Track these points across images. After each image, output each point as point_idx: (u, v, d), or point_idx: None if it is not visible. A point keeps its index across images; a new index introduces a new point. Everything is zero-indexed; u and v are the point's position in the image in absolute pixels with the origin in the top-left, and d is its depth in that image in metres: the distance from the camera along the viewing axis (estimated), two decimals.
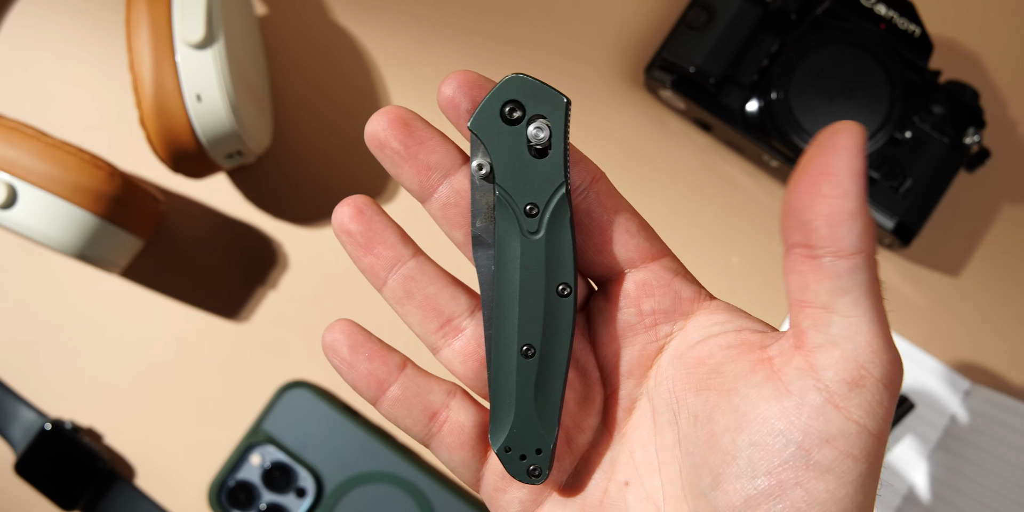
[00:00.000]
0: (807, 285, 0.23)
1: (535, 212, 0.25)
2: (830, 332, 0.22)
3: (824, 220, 0.22)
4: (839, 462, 0.22)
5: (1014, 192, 0.53)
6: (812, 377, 0.22)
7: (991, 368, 0.51)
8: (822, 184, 0.22)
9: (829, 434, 0.22)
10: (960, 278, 0.52)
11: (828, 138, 0.22)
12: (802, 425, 0.22)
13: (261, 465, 0.48)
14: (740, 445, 0.23)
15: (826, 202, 0.22)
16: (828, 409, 0.22)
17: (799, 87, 0.47)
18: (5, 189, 0.42)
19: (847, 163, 0.21)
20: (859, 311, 0.22)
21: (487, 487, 0.28)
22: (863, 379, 0.22)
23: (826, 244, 0.22)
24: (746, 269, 0.52)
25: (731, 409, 0.23)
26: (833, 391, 0.22)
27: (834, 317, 0.22)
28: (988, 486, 0.47)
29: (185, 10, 0.43)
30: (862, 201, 0.21)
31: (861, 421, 0.22)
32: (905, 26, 0.48)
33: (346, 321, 0.27)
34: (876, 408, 0.22)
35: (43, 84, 0.52)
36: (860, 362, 0.22)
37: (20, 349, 0.50)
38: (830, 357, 0.22)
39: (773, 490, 0.22)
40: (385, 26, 0.53)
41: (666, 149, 0.53)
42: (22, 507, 0.48)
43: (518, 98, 0.25)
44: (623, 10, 0.54)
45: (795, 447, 0.22)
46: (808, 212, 0.22)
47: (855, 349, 0.22)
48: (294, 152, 0.52)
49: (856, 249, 0.22)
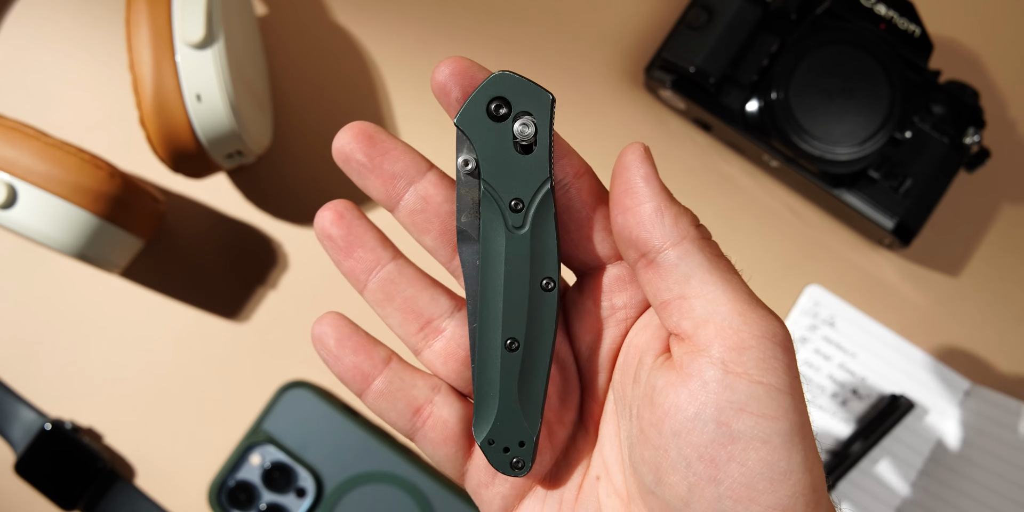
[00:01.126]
0: (658, 287, 0.24)
1: (520, 207, 0.26)
2: (695, 314, 0.23)
3: (640, 227, 0.24)
4: (759, 426, 0.22)
5: (1014, 192, 0.53)
6: (702, 356, 0.23)
7: (991, 368, 0.51)
8: (624, 200, 0.25)
9: (739, 402, 0.22)
10: (960, 278, 0.52)
11: (618, 163, 0.25)
12: (712, 401, 0.22)
13: (261, 465, 0.48)
14: (666, 436, 0.23)
15: (633, 213, 0.24)
16: (729, 378, 0.22)
17: (799, 87, 0.47)
18: (5, 189, 0.42)
19: (635, 174, 0.25)
20: (709, 287, 0.24)
21: (471, 482, 0.28)
22: (745, 341, 0.23)
23: (651, 245, 0.24)
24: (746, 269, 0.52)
25: (649, 402, 0.24)
26: (725, 360, 0.23)
27: (692, 301, 0.24)
28: (988, 486, 0.47)
29: (185, 10, 0.43)
30: (664, 197, 0.24)
31: (764, 379, 0.22)
32: (905, 26, 0.48)
33: (334, 314, 0.28)
34: (772, 363, 0.23)
35: (43, 84, 0.52)
36: (735, 327, 0.23)
37: (20, 349, 0.50)
38: (707, 334, 0.23)
39: (710, 472, 0.22)
40: (385, 26, 0.53)
41: (666, 149, 0.53)
42: (22, 507, 0.48)
43: (504, 95, 0.25)
44: (623, 10, 0.54)
45: (714, 424, 0.22)
46: (627, 227, 0.24)
47: (724, 318, 0.23)
48: (294, 152, 0.52)
49: (677, 238, 0.24)
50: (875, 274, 0.52)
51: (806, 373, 0.51)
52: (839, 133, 0.47)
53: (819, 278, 0.52)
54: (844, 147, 0.47)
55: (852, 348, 0.51)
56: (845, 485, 0.50)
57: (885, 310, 0.51)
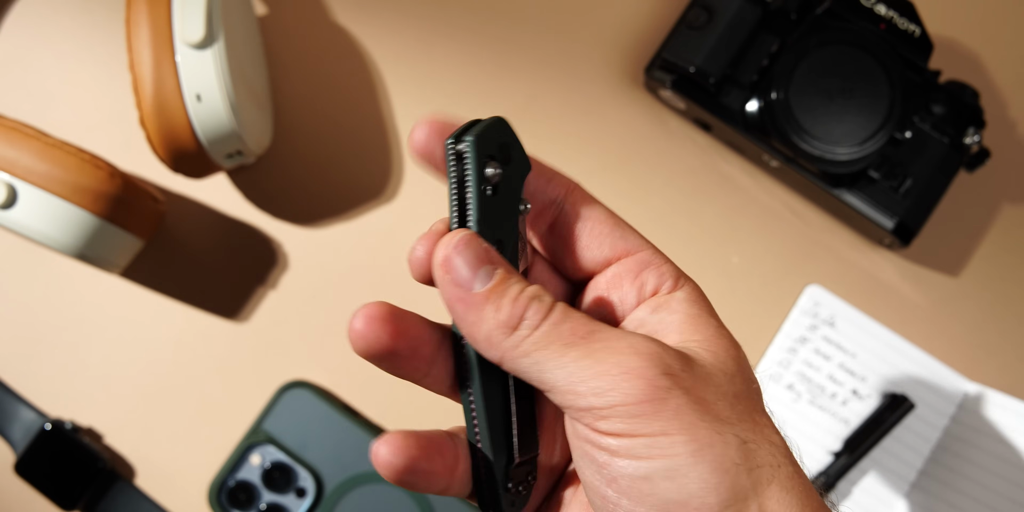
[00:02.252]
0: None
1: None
2: (565, 404, 0.23)
3: (482, 352, 0.24)
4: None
5: (1014, 192, 0.53)
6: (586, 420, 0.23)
7: (991, 368, 0.51)
8: (442, 282, 0.24)
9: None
10: (960, 278, 0.52)
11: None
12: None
13: (261, 465, 0.48)
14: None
15: (445, 288, 0.23)
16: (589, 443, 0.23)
17: (799, 87, 0.47)
18: (5, 189, 0.42)
19: (445, 295, 0.24)
20: (552, 381, 0.23)
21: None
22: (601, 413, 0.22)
23: (496, 360, 0.24)
24: (746, 269, 0.52)
25: None
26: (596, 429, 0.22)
27: (555, 397, 0.23)
28: (988, 486, 0.47)
29: (185, 10, 0.43)
30: (469, 322, 0.23)
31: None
32: (905, 26, 0.48)
33: (398, 435, 0.25)
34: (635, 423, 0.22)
35: (43, 84, 0.52)
36: (581, 431, 0.23)
37: (20, 349, 0.50)
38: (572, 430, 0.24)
39: None
40: (385, 26, 0.53)
41: (666, 149, 0.53)
42: (22, 507, 0.48)
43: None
44: (623, 10, 0.54)
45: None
46: (475, 333, 0.24)
47: (574, 414, 0.23)
48: (294, 152, 0.52)
49: (499, 354, 0.23)
50: (875, 274, 0.52)
51: (806, 373, 0.51)
52: (839, 133, 0.47)
53: (819, 278, 0.52)
54: (844, 147, 0.47)
55: (852, 348, 0.51)
56: (845, 485, 0.50)
57: (885, 310, 0.51)
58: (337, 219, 0.52)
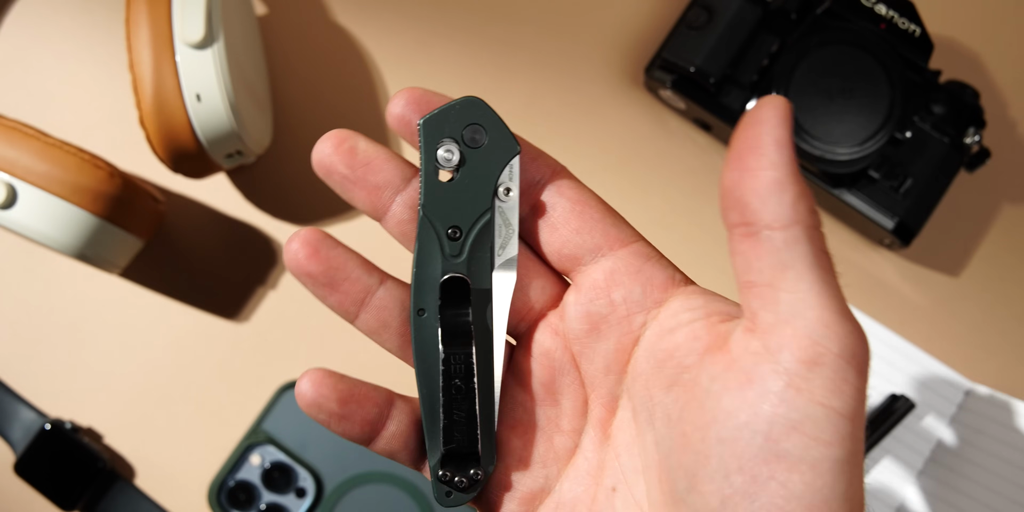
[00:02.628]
0: (750, 264, 0.22)
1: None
2: (779, 310, 0.21)
3: (754, 194, 0.21)
4: (810, 449, 0.20)
5: (1014, 192, 0.53)
6: (769, 361, 0.21)
7: (991, 368, 0.51)
8: (747, 158, 0.21)
9: (794, 420, 0.20)
10: (960, 278, 0.52)
11: (751, 114, 0.21)
12: (766, 414, 0.21)
13: (261, 465, 0.48)
14: (710, 443, 0.22)
15: (754, 175, 0.21)
16: (790, 393, 0.21)
17: (799, 87, 0.47)
18: (5, 189, 0.42)
19: (770, 134, 0.21)
20: (804, 285, 0.21)
21: (486, 504, 0.27)
22: (820, 356, 0.21)
23: (760, 218, 0.21)
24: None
25: (698, 405, 0.22)
26: (792, 373, 0.21)
27: (780, 294, 0.21)
28: (988, 486, 0.47)
29: (185, 10, 0.43)
30: (790, 170, 0.21)
31: (826, 402, 0.20)
32: (905, 26, 0.48)
33: (320, 372, 0.26)
34: (841, 386, 0.21)
35: (43, 84, 0.52)
36: (814, 338, 0.21)
37: (20, 349, 0.50)
38: (782, 337, 0.21)
39: (748, 487, 0.21)
40: (385, 26, 0.53)
41: (666, 149, 0.53)
42: (22, 507, 0.48)
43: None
44: (623, 10, 0.54)
45: (762, 438, 0.21)
46: (739, 188, 0.21)
47: (806, 325, 0.21)
48: (294, 152, 0.52)
49: (790, 220, 0.21)
50: (875, 274, 0.52)
51: None
52: (839, 133, 0.47)
53: None
54: (844, 147, 0.47)
55: None
56: None
57: (885, 310, 0.51)
58: (337, 219, 0.52)
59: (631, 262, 0.26)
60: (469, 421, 0.26)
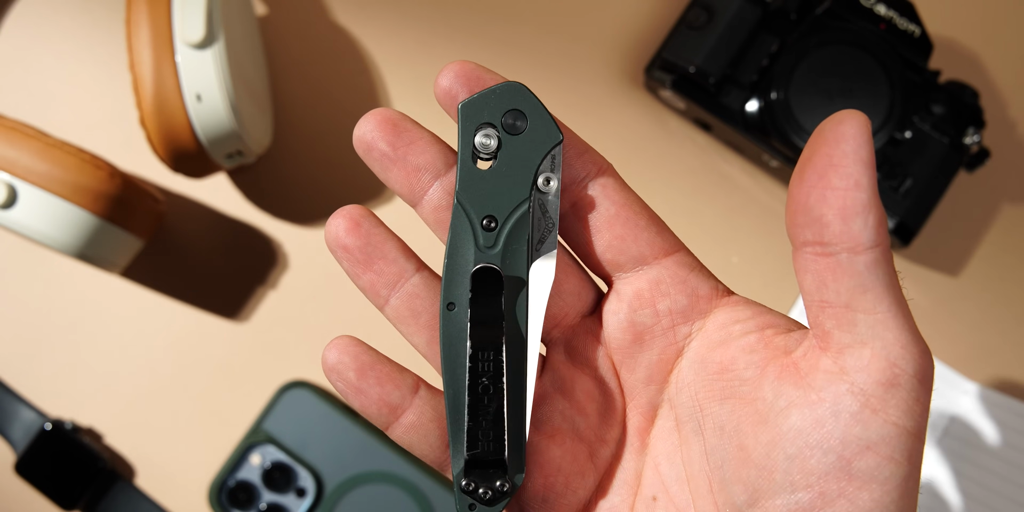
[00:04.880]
0: (825, 284, 0.21)
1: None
2: (856, 331, 0.21)
3: (837, 214, 0.20)
4: (882, 468, 0.21)
5: (1014, 192, 0.53)
6: (844, 381, 0.21)
7: (991, 368, 0.51)
8: (831, 176, 0.20)
9: (870, 440, 0.21)
10: (960, 278, 0.52)
11: (832, 128, 0.21)
12: (840, 433, 0.21)
13: (261, 465, 0.48)
14: (776, 458, 0.22)
15: (838, 195, 0.20)
16: (866, 414, 0.21)
17: (799, 87, 0.47)
18: (5, 189, 0.42)
19: (855, 153, 0.20)
20: (883, 307, 0.21)
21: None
22: (897, 377, 0.21)
23: (841, 240, 0.21)
24: (746, 269, 0.52)
25: (760, 420, 0.22)
26: (869, 394, 0.21)
27: (858, 315, 0.21)
28: (988, 486, 0.47)
29: (185, 10, 0.43)
30: (874, 192, 0.20)
31: (900, 422, 0.21)
32: (905, 26, 0.48)
33: (349, 339, 0.25)
34: (913, 406, 0.21)
35: (43, 84, 0.52)
36: (892, 360, 0.21)
37: (20, 349, 0.50)
38: (860, 358, 0.21)
39: (815, 503, 0.21)
40: (385, 26, 0.53)
41: (666, 149, 0.53)
42: (22, 507, 0.48)
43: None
44: (623, 10, 0.54)
45: (835, 457, 0.21)
46: (819, 207, 0.21)
47: (885, 347, 0.21)
48: (294, 152, 0.52)
49: (873, 243, 0.21)
50: None
51: None
52: None
53: None
54: None
55: None
56: None
57: None
58: None
59: (676, 272, 0.25)
60: (496, 425, 0.24)
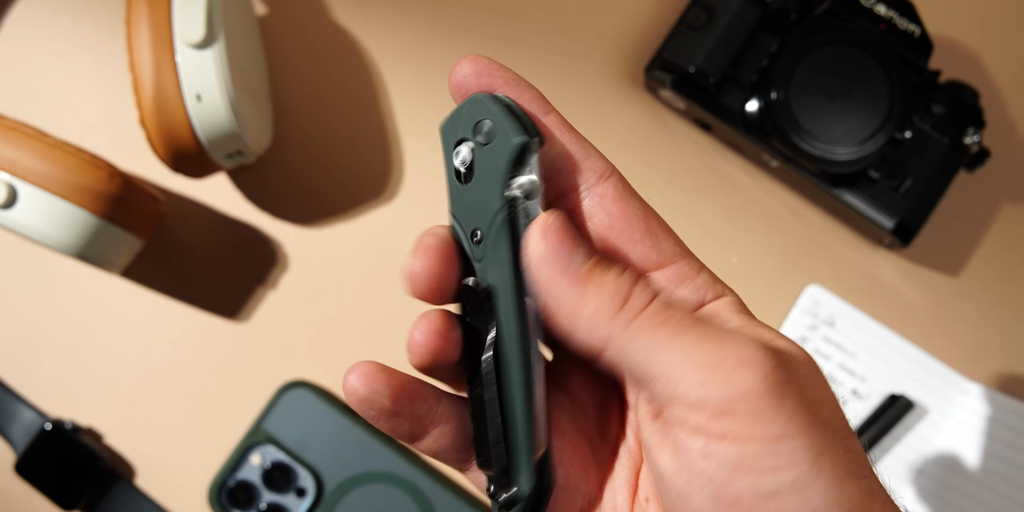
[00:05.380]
0: (623, 375, 0.23)
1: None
2: (660, 398, 0.21)
3: (570, 336, 0.22)
4: (761, 483, 0.20)
5: (1014, 192, 0.53)
6: (678, 428, 0.21)
7: (991, 368, 0.51)
8: (548, 303, 0.22)
9: (732, 463, 0.20)
10: (960, 278, 0.52)
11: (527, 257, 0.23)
12: (701, 472, 0.20)
13: (261, 465, 0.48)
14: (672, 500, 0.21)
15: (559, 317, 0.22)
16: (711, 446, 0.20)
17: (799, 87, 0.47)
18: (5, 189, 0.42)
19: (540, 270, 0.22)
20: (665, 364, 0.21)
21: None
22: (720, 407, 0.20)
23: (593, 350, 0.22)
24: (746, 269, 0.52)
25: (648, 456, 0.23)
26: (703, 428, 0.20)
27: (653, 384, 0.21)
28: (988, 486, 0.47)
29: (185, 10, 0.43)
30: (571, 293, 0.22)
31: (755, 434, 0.20)
32: (905, 26, 0.48)
33: (372, 365, 0.24)
34: (762, 415, 0.20)
35: (43, 84, 0.52)
36: (701, 401, 0.21)
37: (20, 349, 0.50)
38: (677, 413, 0.21)
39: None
40: (385, 26, 0.53)
41: (666, 149, 0.53)
42: (22, 507, 0.48)
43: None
44: (623, 10, 0.54)
45: (711, 490, 0.20)
46: (562, 333, 0.22)
47: (687, 394, 0.21)
48: (294, 152, 0.52)
49: (605, 334, 0.22)
50: (875, 274, 0.52)
51: None
52: (839, 133, 0.47)
53: (819, 278, 0.52)
54: (844, 147, 0.47)
55: (852, 348, 0.51)
56: None
57: (885, 310, 0.51)
58: (337, 219, 0.52)
59: (663, 287, 0.25)
60: (494, 434, 0.24)
